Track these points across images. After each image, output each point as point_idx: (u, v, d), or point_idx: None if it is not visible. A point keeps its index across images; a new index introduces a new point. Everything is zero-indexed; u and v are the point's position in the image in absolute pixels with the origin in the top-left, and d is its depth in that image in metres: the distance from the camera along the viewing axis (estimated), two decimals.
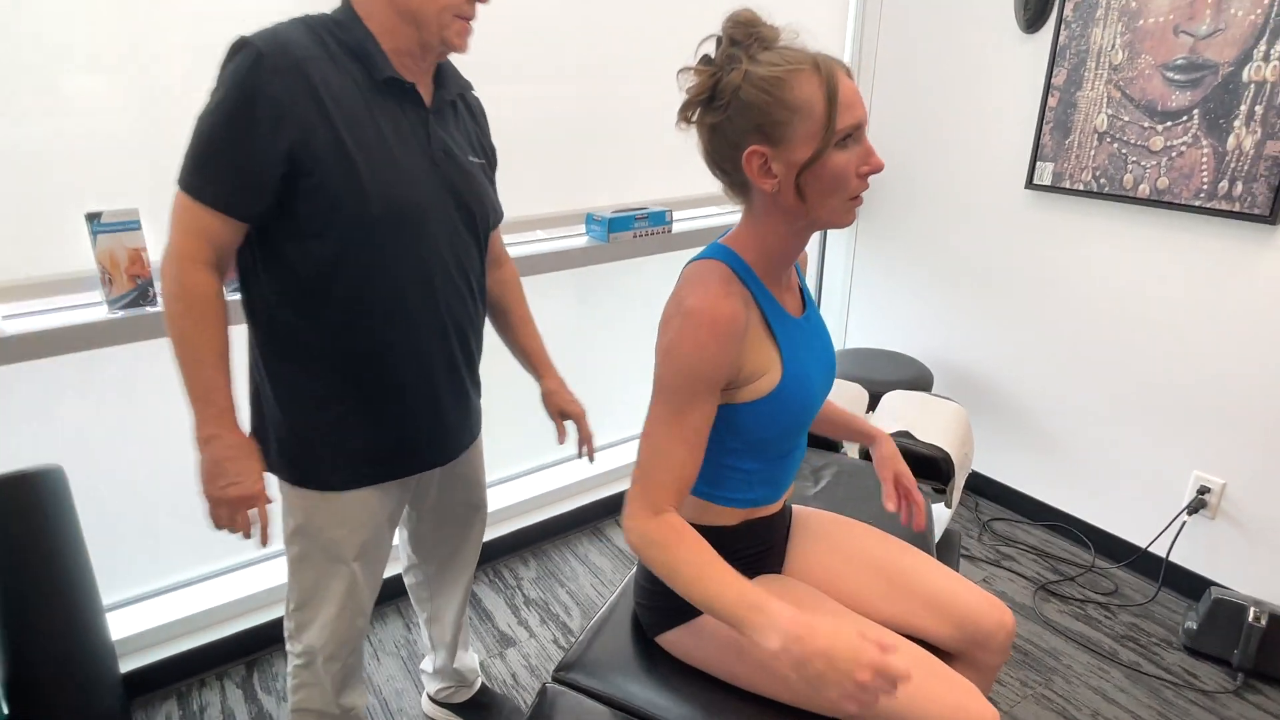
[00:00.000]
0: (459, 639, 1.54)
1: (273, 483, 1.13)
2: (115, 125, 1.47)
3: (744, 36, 0.87)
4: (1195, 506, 1.96)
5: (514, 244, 2.01)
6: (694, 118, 0.92)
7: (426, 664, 1.62)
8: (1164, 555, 2.05)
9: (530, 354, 1.37)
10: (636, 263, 2.34)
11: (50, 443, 1.59)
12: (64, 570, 1.51)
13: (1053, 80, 2.00)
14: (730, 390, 0.93)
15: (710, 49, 0.91)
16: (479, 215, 1.13)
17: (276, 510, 1.13)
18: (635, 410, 2.57)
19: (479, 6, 1.03)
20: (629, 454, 2.49)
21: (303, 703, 1.24)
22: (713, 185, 0.96)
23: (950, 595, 1.09)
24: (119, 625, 1.69)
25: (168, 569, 1.80)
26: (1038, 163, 2.09)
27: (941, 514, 1.76)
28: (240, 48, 0.94)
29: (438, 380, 1.14)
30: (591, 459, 1.41)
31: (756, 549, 1.06)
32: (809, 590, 1.05)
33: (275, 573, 1.87)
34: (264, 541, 1.07)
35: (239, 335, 1.08)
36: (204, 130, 0.94)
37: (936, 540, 1.67)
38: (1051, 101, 2.02)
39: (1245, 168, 1.70)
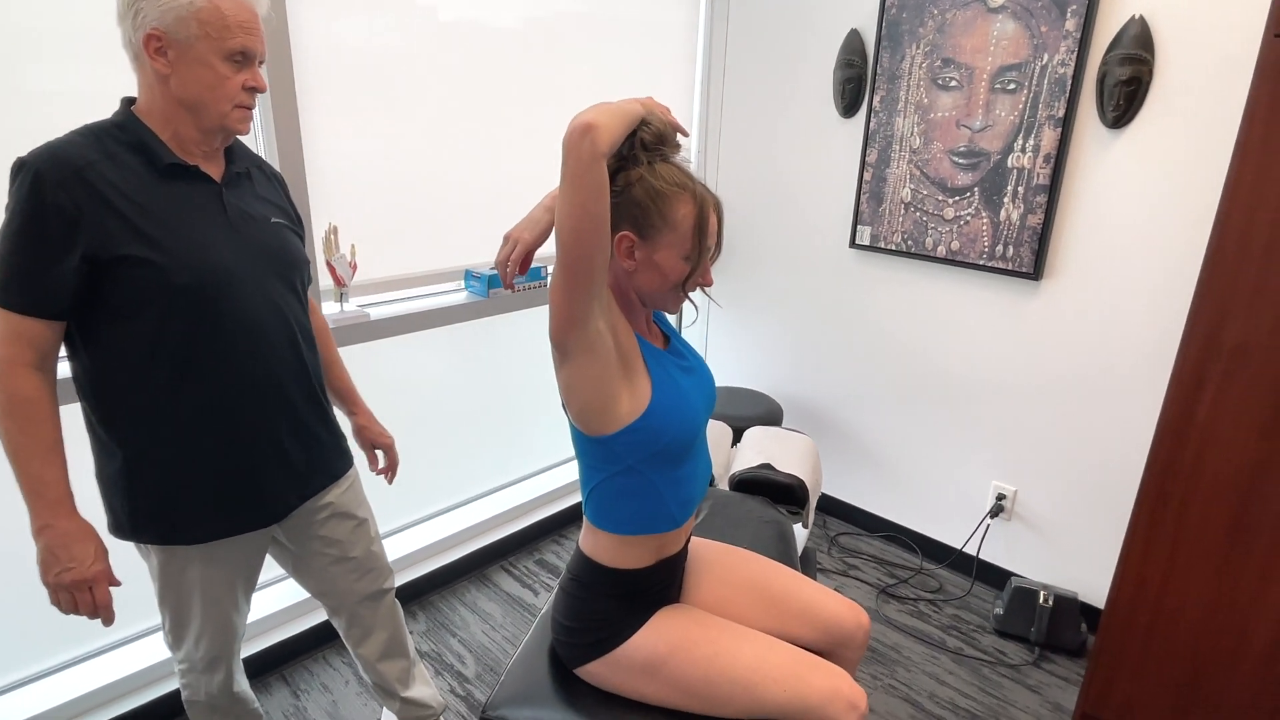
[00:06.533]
0: (403, 679, 1.58)
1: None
2: None
3: (654, 146, 1.05)
4: (995, 511, 2.36)
5: (392, 301, 2.07)
6: None
7: (386, 716, 1.64)
8: (975, 554, 2.44)
9: (341, 392, 1.49)
10: (511, 316, 2.45)
11: None
12: None
13: (867, 158, 2.38)
14: (628, 406, 1.07)
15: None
16: (289, 268, 1.24)
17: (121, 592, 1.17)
18: (506, 463, 2.66)
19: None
20: (506, 502, 2.57)
21: (191, 695, 1.35)
22: None
23: (818, 606, 1.30)
24: None
25: (35, 657, 1.66)
26: (858, 226, 2.45)
27: (799, 534, 2.01)
28: (19, 169, 1.02)
29: (278, 429, 1.23)
30: (390, 482, 1.57)
31: (664, 585, 1.21)
32: (706, 615, 1.21)
33: (136, 658, 1.77)
34: (106, 621, 1.13)
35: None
36: (4, 249, 1.03)
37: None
38: (867, 176, 2.39)
39: (1014, 235, 2.12)
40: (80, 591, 1.09)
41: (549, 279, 1.03)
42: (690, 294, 1.14)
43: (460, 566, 2.35)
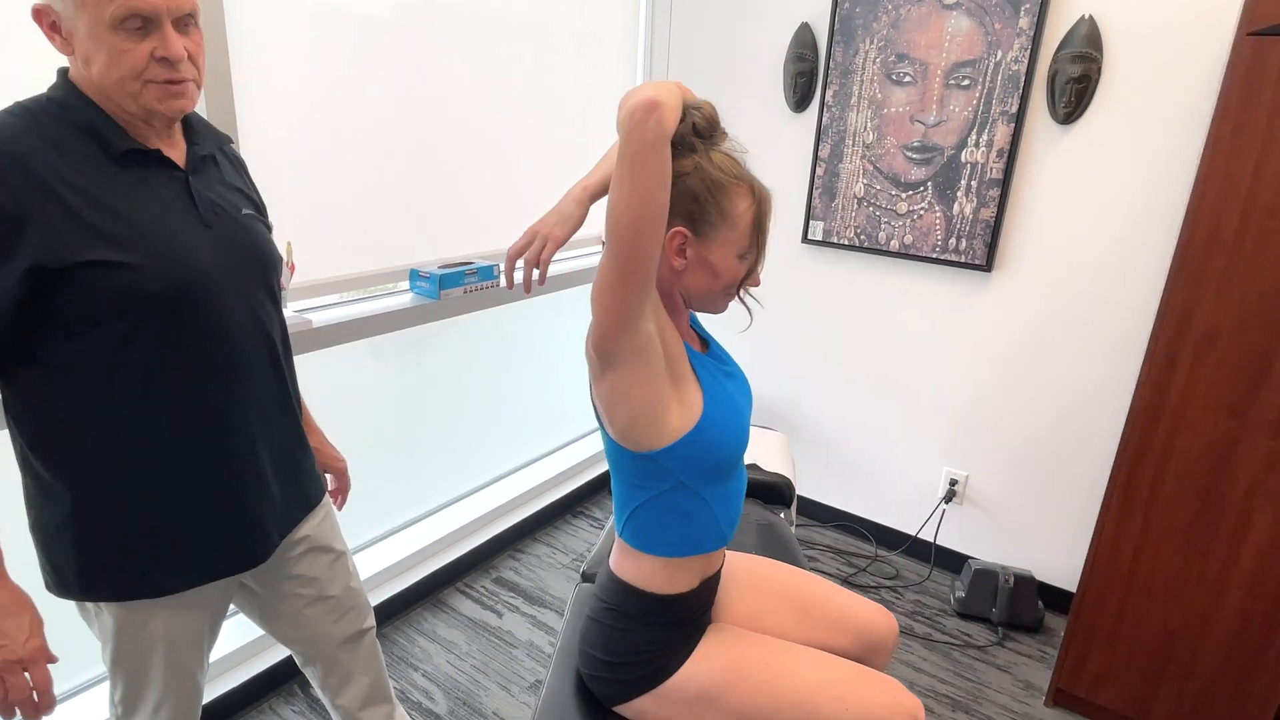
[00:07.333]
0: None
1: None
2: None
3: (708, 132, 0.96)
4: (949, 496, 2.42)
5: (333, 305, 1.86)
6: None
7: None
8: (932, 539, 2.50)
9: None
10: (454, 320, 2.27)
11: None
12: None
13: (819, 153, 2.38)
14: (679, 418, 0.98)
15: None
16: (267, 270, 1.07)
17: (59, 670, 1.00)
18: (453, 478, 2.48)
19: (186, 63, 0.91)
20: (456, 520, 2.39)
21: None
22: None
23: (851, 612, 1.25)
24: None
25: None
26: (811, 221, 2.45)
27: None
28: None
29: (259, 457, 1.06)
30: (340, 508, 1.41)
31: (706, 607, 1.12)
32: (754, 635, 1.14)
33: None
34: (45, 709, 0.93)
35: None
36: None
37: None
38: (819, 171, 2.39)
39: (967, 228, 2.17)
40: (12, 674, 0.89)
41: (593, 279, 0.91)
42: (743, 296, 1.06)
43: (412, 593, 2.16)
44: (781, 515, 1.89)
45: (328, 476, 1.38)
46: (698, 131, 0.96)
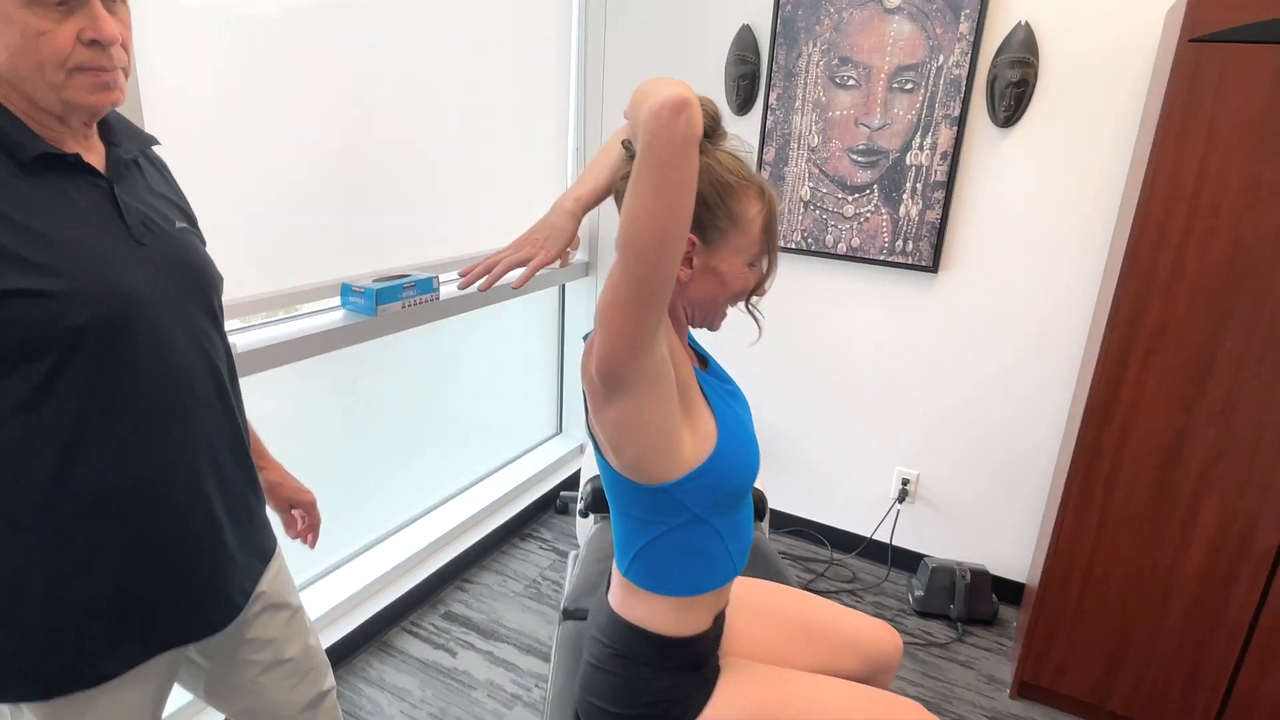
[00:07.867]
0: None
1: None
2: None
3: (711, 129, 0.88)
4: (902, 496, 2.44)
5: (258, 326, 1.68)
6: None
7: None
8: (887, 540, 2.51)
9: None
10: (390, 339, 2.11)
11: None
12: None
13: (764, 157, 2.35)
14: (692, 446, 0.91)
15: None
16: (207, 291, 0.93)
17: None
18: (390, 508, 2.31)
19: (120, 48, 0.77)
20: (397, 554, 2.22)
21: None
22: (471, 246, 0.91)
23: (856, 633, 1.21)
24: None
25: None
26: None
27: None
28: None
29: (213, 507, 0.92)
30: (313, 546, 1.27)
31: (718, 644, 1.05)
32: (770, 669, 1.07)
33: None
34: None
35: None
36: None
37: None
38: (764, 175, 2.36)
39: (913, 230, 2.19)
40: None
41: (600, 297, 0.83)
42: (751, 309, 0.99)
43: (355, 638, 1.98)
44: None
45: (296, 513, 1.23)
46: (703, 130, 0.88)
